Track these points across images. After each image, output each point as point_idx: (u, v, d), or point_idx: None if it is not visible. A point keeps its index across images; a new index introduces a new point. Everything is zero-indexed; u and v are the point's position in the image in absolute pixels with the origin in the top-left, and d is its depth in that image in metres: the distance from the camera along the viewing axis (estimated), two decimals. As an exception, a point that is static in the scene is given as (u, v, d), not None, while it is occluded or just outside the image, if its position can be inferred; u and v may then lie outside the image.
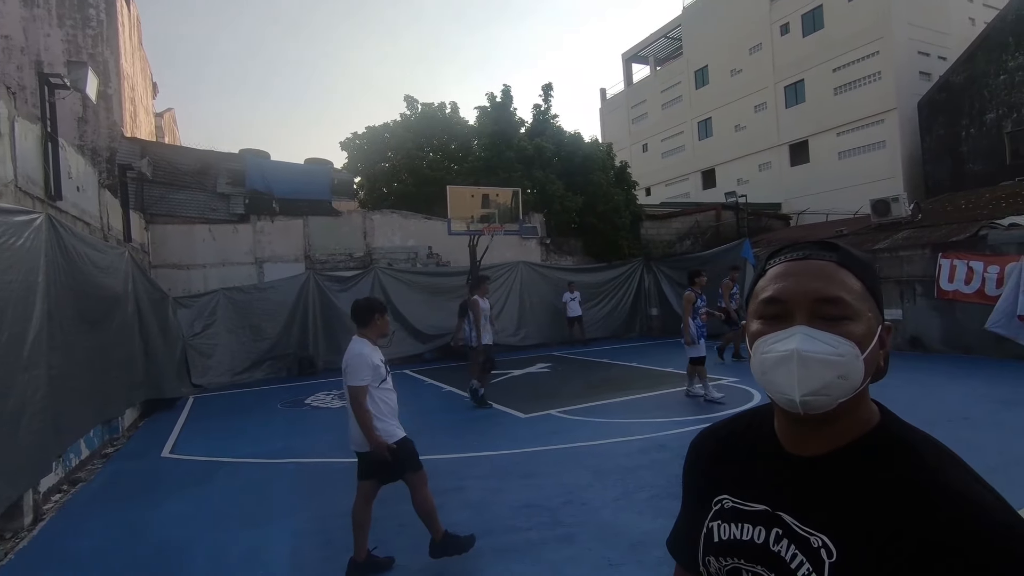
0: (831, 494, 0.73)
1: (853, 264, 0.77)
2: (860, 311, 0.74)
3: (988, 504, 0.66)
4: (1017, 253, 9.00)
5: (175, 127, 23.33)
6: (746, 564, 0.79)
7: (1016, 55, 17.15)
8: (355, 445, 3.51)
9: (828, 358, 0.71)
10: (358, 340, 3.55)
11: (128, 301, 7.84)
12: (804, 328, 0.73)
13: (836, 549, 0.70)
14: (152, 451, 6.52)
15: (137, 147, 11.33)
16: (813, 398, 0.72)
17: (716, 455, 0.90)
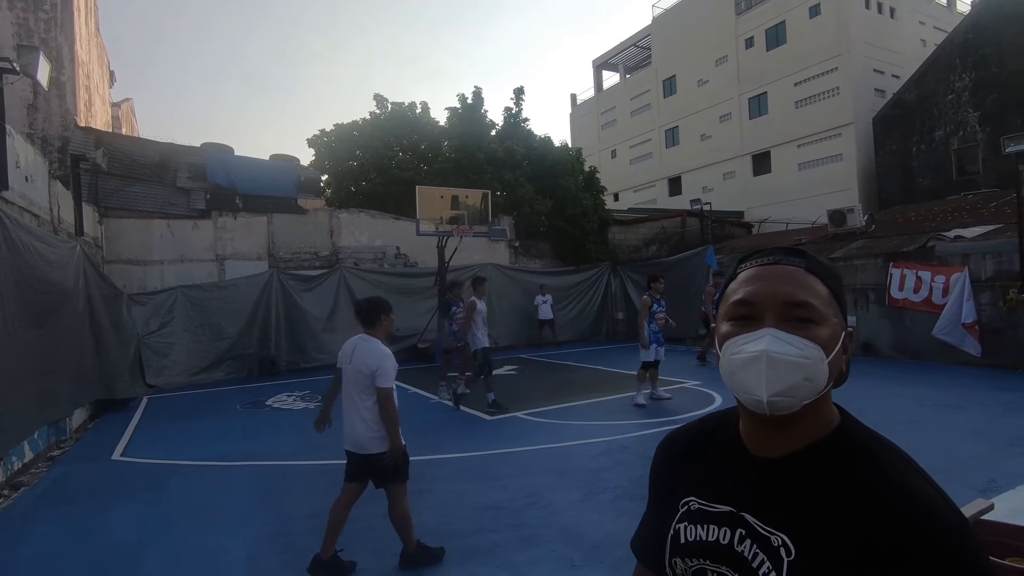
0: (791, 494, 0.75)
1: (820, 270, 0.80)
2: (826, 316, 0.77)
3: (938, 506, 0.68)
4: (962, 264, 9.48)
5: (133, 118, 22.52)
6: (711, 565, 0.80)
7: (963, 76, 18.05)
8: (353, 446, 3.42)
9: (795, 360, 0.73)
10: (374, 340, 3.47)
11: (79, 297, 7.52)
12: (773, 330, 0.76)
13: (795, 548, 0.72)
14: (102, 453, 6.26)
15: (92, 137, 10.88)
16: (779, 399, 0.74)
17: (683, 457, 0.92)
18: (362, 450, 3.38)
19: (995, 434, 5.52)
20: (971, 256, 9.57)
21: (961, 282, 9.15)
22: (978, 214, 12.46)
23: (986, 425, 5.86)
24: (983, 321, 9.15)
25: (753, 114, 26.02)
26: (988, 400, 6.99)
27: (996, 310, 9.13)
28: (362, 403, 3.35)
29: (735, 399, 0.82)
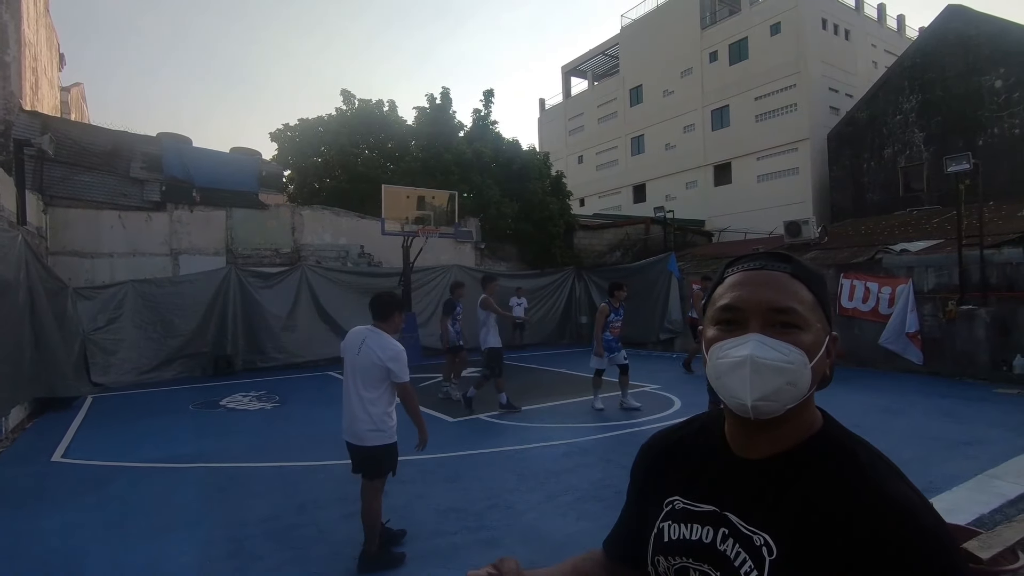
0: (773, 495, 0.77)
1: (805, 276, 0.81)
2: (810, 321, 0.78)
3: (916, 508, 0.70)
4: (906, 276, 9.96)
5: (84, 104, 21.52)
6: (694, 563, 0.81)
7: (910, 98, 19.01)
8: (353, 437, 3.43)
9: (779, 365, 0.75)
10: (384, 335, 3.45)
11: (19, 289, 7.13)
12: (758, 336, 0.77)
13: (776, 547, 0.73)
14: (41, 455, 5.93)
15: (38, 122, 10.33)
16: (764, 403, 0.75)
17: (667, 457, 0.93)
18: (360, 442, 3.38)
19: (934, 438, 5.81)
20: (915, 269, 10.07)
21: (906, 294, 9.61)
22: (922, 229, 13.13)
23: (925, 429, 6.16)
24: (924, 331, 9.63)
25: (716, 126, 26.76)
26: (928, 406, 7.36)
27: (936, 321, 9.63)
28: (367, 395, 3.35)
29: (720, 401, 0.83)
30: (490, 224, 15.59)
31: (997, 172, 15.28)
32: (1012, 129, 16.62)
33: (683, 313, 13.56)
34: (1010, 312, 9.05)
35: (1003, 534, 2.62)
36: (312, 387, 9.78)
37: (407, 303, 8.71)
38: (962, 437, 5.89)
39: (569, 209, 17.97)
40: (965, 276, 9.40)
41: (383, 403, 3.39)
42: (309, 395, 9.03)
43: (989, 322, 9.03)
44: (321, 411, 7.83)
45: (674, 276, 13.75)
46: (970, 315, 9.15)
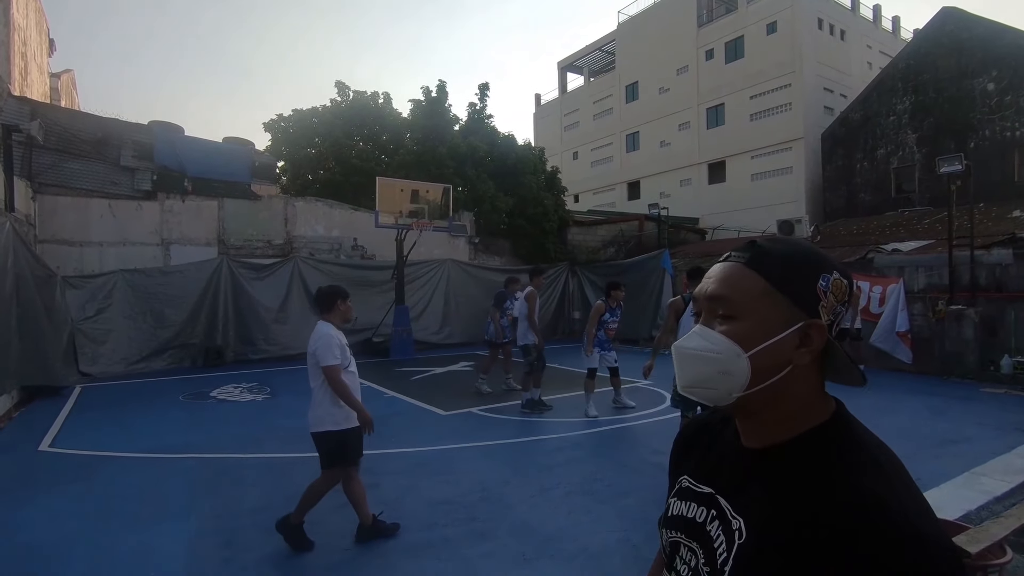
0: (756, 482, 0.77)
1: (762, 264, 0.78)
2: (751, 310, 0.76)
3: (902, 512, 0.66)
4: (897, 276, 10.04)
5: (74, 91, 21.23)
6: (685, 539, 0.84)
7: (904, 99, 19.13)
8: (314, 427, 3.55)
9: (703, 354, 0.77)
10: (323, 323, 3.65)
11: (6, 277, 7.03)
12: (699, 327, 0.80)
13: (747, 532, 0.73)
14: (27, 444, 5.87)
15: (27, 107, 10.18)
16: (698, 389, 0.79)
17: (690, 441, 0.96)
18: (311, 427, 3.57)
19: (922, 436, 5.87)
20: (906, 269, 10.16)
21: (896, 293, 9.69)
22: (913, 230, 13.25)
23: (914, 427, 6.22)
24: (914, 330, 9.72)
25: (711, 124, 26.82)
26: (916, 404, 7.44)
27: (926, 320, 9.73)
28: (314, 384, 3.58)
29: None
30: (484, 218, 15.55)
31: (988, 174, 15.41)
32: (1003, 132, 16.76)
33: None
34: (998, 312, 9.15)
35: (990, 529, 2.65)
36: (303, 379, 9.60)
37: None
38: (949, 435, 5.96)
39: (563, 205, 17.96)
40: (955, 276, 9.49)
41: (326, 391, 3.54)
42: (300, 387, 8.93)
43: (978, 322, 9.12)
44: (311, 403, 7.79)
45: (667, 273, 13.78)
46: (959, 315, 9.24)
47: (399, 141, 17.00)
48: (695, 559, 0.80)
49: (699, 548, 0.80)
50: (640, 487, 4.52)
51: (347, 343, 3.70)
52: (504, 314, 8.45)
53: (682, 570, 0.83)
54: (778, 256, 0.79)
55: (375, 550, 3.45)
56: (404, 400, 7.94)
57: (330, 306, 3.70)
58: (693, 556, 0.81)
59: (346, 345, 3.66)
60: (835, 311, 0.77)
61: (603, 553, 3.41)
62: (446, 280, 14.08)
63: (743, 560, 0.72)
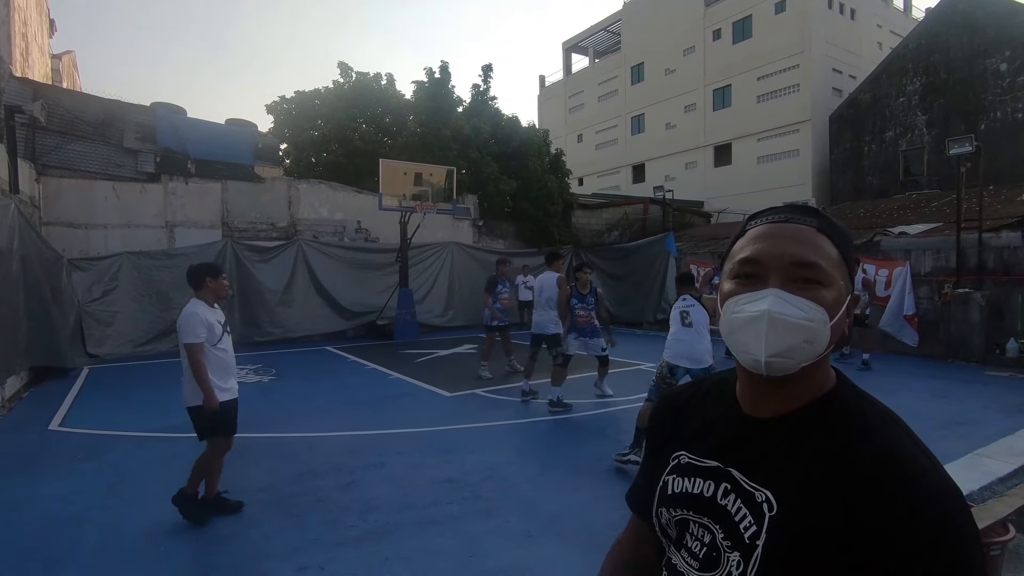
0: (778, 453, 0.75)
1: (831, 231, 0.77)
2: (833, 278, 0.75)
3: (923, 470, 0.68)
4: (904, 259, 9.97)
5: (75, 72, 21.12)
6: (694, 516, 0.81)
7: (914, 80, 18.84)
8: (187, 402, 3.67)
9: (798, 322, 0.72)
10: (193, 302, 3.70)
11: (12, 259, 7.05)
12: (777, 291, 0.74)
13: (777, 504, 0.72)
14: (37, 423, 5.95)
15: (29, 89, 10.13)
16: (778, 359, 0.73)
17: (677, 414, 0.92)
18: (185, 403, 3.67)
19: (925, 418, 5.87)
20: (912, 252, 10.09)
21: (903, 276, 9.64)
22: (921, 212, 13.13)
23: (917, 410, 6.22)
24: (920, 313, 9.68)
25: (717, 106, 26.51)
26: (920, 387, 7.44)
27: (932, 304, 9.68)
28: (184, 363, 3.63)
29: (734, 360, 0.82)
30: (488, 201, 15.48)
31: (998, 156, 15.22)
32: (1015, 113, 16.52)
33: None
34: (1005, 296, 9.09)
35: (993, 508, 2.67)
36: (308, 361, 9.79)
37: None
38: (953, 417, 5.97)
39: (568, 188, 17.85)
40: (962, 259, 9.42)
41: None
42: (305, 369, 9.05)
43: (984, 305, 9.08)
44: (317, 384, 7.86)
45: (672, 256, 13.74)
46: (965, 298, 9.19)
47: (402, 123, 16.87)
48: (709, 535, 0.78)
49: (714, 523, 0.78)
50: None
51: (222, 320, 3.77)
52: (497, 298, 8.19)
53: (694, 547, 0.80)
54: (838, 225, 0.79)
55: (382, 527, 3.50)
56: (409, 382, 7.99)
57: (199, 284, 3.72)
58: (707, 532, 0.79)
59: (217, 323, 3.70)
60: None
61: (607, 530, 3.44)
62: (450, 263, 14.07)
63: (779, 532, 0.71)
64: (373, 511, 3.71)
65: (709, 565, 0.77)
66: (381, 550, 3.21)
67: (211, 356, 3.61)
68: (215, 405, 3.53)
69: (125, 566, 3.11)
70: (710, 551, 0.78)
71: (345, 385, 7.86)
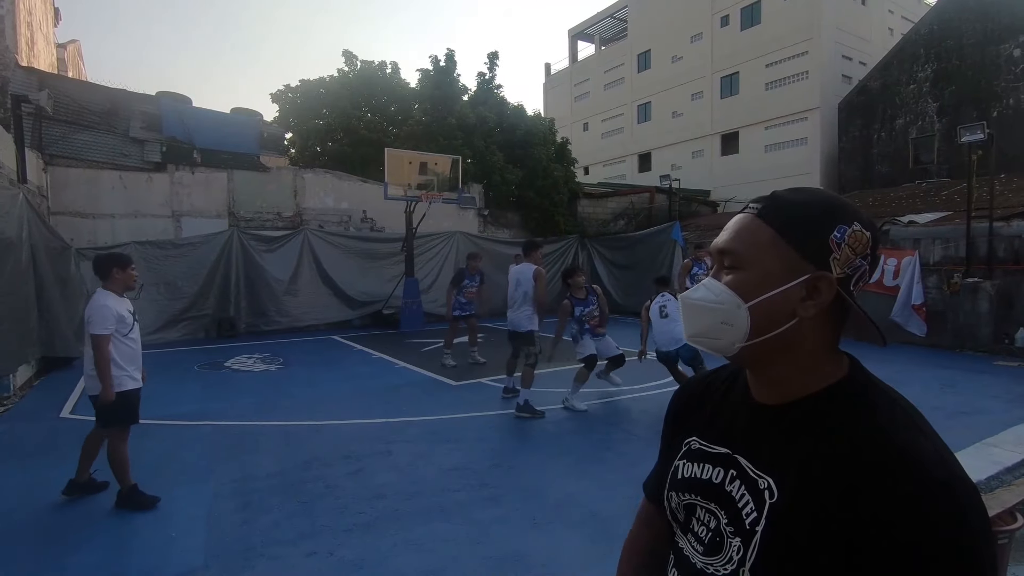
0: (783, 440, 0.76)
1: (771, 214, 0.77)
2: (752, 261, 0.76)
3: (927, 459, 0.66)
4: (912, 248, 9.89)
5: (80, 61, 21.10)
6: (702, 501, 0.82)
7: (925, 67, 18.56)
8: (91, 391, 3.71)
9: (705, 305, 0.78)
10: (102, 292, 3.71)
11: (22, 248, 7.10)
12: (707, 279, 0.81)
13: (778, 491, 0.72)
14: (48, 411, 6.02)
15: (34, 78, 10.14)
16: (700, 339, 0.80)
17: (692, 401, 0.94)
18: (89, 392, 3.71)
19: (933, 408, 5.85)
20: (921, 241, 10.01)
21: (912, 265, 9.56)
22: (930, 201, 13.00)
23: (925, 399, 6.20)
24: (928, 303, 9.61)
25: (724, 93, 26.22)
26: (928, 377, 7.41)
27: (940, 293, 9.61)
28: (88, 351, 3.64)
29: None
30: (494, 190, 15.42)
31: (1011, 144, 15.01)
32: (1028, 100, 16.26)
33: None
34: (1015, 285, 9.01)
35: (1001, 496, 2.66)
36: (315, 350, 9.84)
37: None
38: (961, 407, 5.95)
39: (573, 177, 17.75)
40: (972, 249, 9.33)
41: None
42: (312, 358, 9.10)
43: (993, 295, 9.00)
44: (323, 373, 7.91)
45: (679, 245, 13.67)
46: (975, 288, 9.12)
47: (407, 112, 16.79)
48: (715, 520, 0.79)
49: (719, 509, 0.79)
50: (650, 457, 4.51)
51: (131, 310, 3.81)
52: (462, 291, 8.35)
53: (700, 531, 0.81)
54: (789, 205, 0.77)
55: (390, 514, 3.53)
56: (415, 371, 8.02)
57: (106, 274, 3.72)
58: (712, 518, 0.80)
59: (128, 312, 3.74)
60: (852, 264, 0.74)
61: (613, 518, 3.47)
62: (455, 252, 14.05)
63: (777, 519, 0.71)
64: (381, 498, 3.74)
65: (713, 550, 0.78)
66: (389, 536, 3.25)
67: (121, 347, 3.66)
68: (111, 398, 3.59)
69: (136, 549, 3.16)
70: (714, 536, 0.78)
71: (352, 374, 7.90)
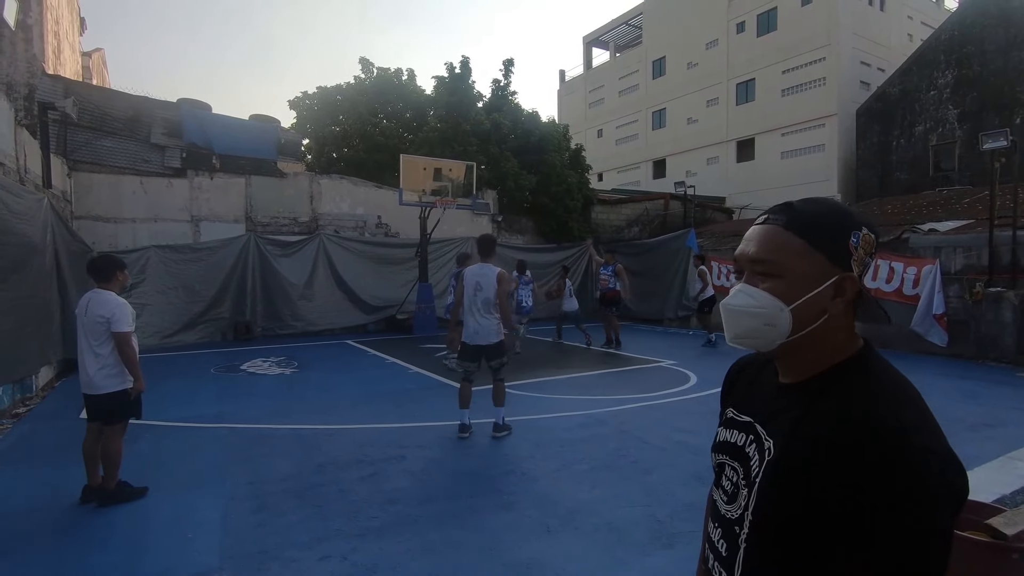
0: (788, 410, 0.88)
1: (798, 225, 0.88)
2: (791, 268, 0.87)
3: (909, 425, 0.75)
4: (933, 257, 9.72)
5: (104, 69, 21.57)
6: (729, 460, 0.97)
7: (946, 73, 18.30)
8: (88, 388, 3.78)
9: (749, 310, 0.88)
10: (107, 292, 3.79)
11: (46, 252, 7.26)
12: (741, 285, 0.91)
13: (775, 450, 0.86)
14: (69, 411, 6.12)
15: (60, 86, 10.39)
16: (744, 340, 0.91)
17: (736, 377, 1.10)
18: (95, 391, 3.75)
19: (955, 420, 5.74)
20: (943, 249, 9.82)
21: (933, 274, 9.40)
22: (952, 209, 12.77)
23: (945, 411, 6.07)
24: (949, 313, 9.43)
25: (740, 100, 26.07)
26: (948, 388, 7.26)
27: (962, 303, 9.42)
28: (99, 350, 3.72)
29: None
30: (507, 196, 15.46)
31: (1034, 151, 14.70)
32: (1052, 107, 15.95)
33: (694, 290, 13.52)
34: (1040, 295, 8.80)
35: (1027, 512, 2.59)
36: (329, 354, 9.91)
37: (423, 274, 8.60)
38: (983, 419, 5.82)
39: (587, 183, 17.73)
40: (995, 257, 9.15)
41: (113, 355, 3.77)
42: (326, 362, 9.16)
43: (1017, 304, 8.81)
44: (338, 377, 7.95)
45: (693, 253, 13.58)
46: (997, 297, 8.93)
47: (423, 118, 16.93)
48: (736, 476, 0.93)
49: (739, 466, 0.93)
50: (664, 464, 4.53)
51: None
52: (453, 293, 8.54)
53: (726, 486, 0.96)
54: (813, 217, 0.89)
55: (403, 518, 3.53)
56: (428, 376, 8.04)
57: (110, 276, 3.83)
58: (735, 473, 0.94)
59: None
60: (864, 263, 0.89)
61: (627, 527, 3.44)
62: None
63: (769, 472, 0.85)
64: (394, 503, 3.75)
65: (732, 499, 0.93)
66: (402, 541, 3.25)
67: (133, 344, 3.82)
68: (142, 389, 3.84)
69: (154, 549, 3.19)
70: (735, 488, 0.93)
71: (366, 378, 7.94)
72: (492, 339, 5.29)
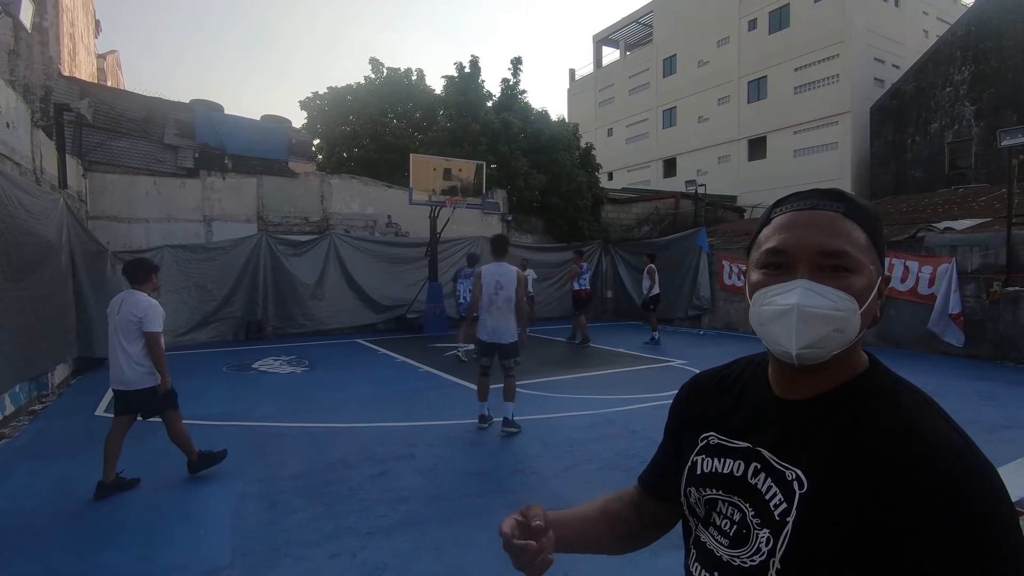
0: (808, 432, 0.76)
1: (859, 215, 0.76)
2: (862, 264, 0.74)
3: (955, 449, 0.67)
4: (949, 256, 9.58)
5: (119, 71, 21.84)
6: (723, 495, 0.82)
7: (962, 69, 18.03)
8: (120, 384, 3.95)
9: (827, 313, 0.72)
10: (139, 293, 4.01)
11: (62, 251, 7.35)
12: (805, 282, 0.73)
13: (807, 481, 0.72)
14: (84, 409, 6.21)
15: (76, 87, 10.52)
16: (809, 351, 0.73)
17: (708, 395, 0.93)
18: (129, 387, 3.93)
19: (972, 421, 5.64)
20: (959, 248, 9.68)
21: (948, 274, 9.26)
22: (968, 208, 12.58)
23: (963, 412, 5.97)
24: (966, 312, 9.29)
25: (752, 98, 25.86)
26: (966, 389, 7.15)
27: (979, 302, 9.28)
28: (130, 347, 3.89)
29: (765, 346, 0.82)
30: (517, 196, 15.45)
31: (1053, 148, 14.45)
32: (1072, 103, 15.67)
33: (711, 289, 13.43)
34: (1059, 295, 8.65)
35: (1047, 516, 2.54)
36: (340, 354, 9.96)
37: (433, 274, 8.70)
38: (1002, 420, 5.72)
39: (598, 182, 17.67)
40: (1013, 256, 9.00)
41: (143, 353, 3.94)
42: (337, 361, 9.21)
43: (1036, 305, 8.66)
44: (348, 376, 7.99)
45: (704, 252, 13.50)
46: (1016, 297, 8.78)
47: (432, 117, 16.97)
48: (739, 513, 0.79)
49: (743, 502, 0.79)
50: (674, 464, 4.49)
51: None
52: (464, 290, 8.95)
53: (723, 525, 0.81)
54: (865, 208, 0.77)
55: (413, 517, 3.53)
56: (438, 375, 8.05)
57: (146, 278, 4.07)
58: (736, 510, 0.80)
59: None
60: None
61: (637, 527, 3.42)
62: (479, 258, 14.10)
63: (809, 508, 0.71)
64: (403, 501, 3.75)
65: (739, 542, 0.78)
66: (411, 540, 3.25)
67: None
68: (169, 386, 4.03)
69: (166, 546, 3.22)
70: (740, 528, 0.78)
71: (376, 377, 7.96)
72: (509, 339, 5.44)
